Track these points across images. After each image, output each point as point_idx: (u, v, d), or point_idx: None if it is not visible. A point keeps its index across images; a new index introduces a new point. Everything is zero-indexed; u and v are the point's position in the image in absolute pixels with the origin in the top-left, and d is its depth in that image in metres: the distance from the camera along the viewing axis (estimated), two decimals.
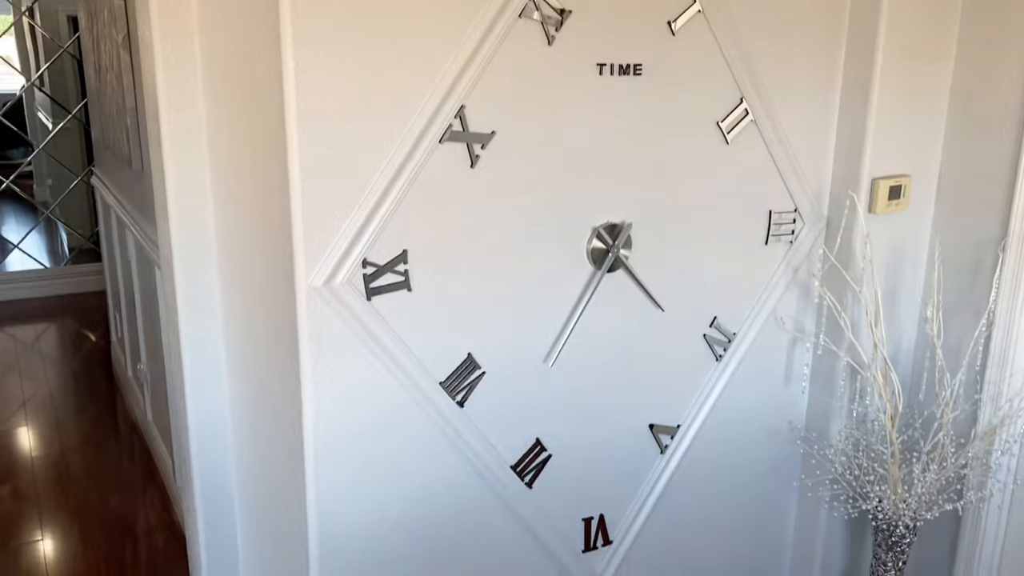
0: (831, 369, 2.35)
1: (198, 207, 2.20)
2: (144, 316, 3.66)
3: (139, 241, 3.42)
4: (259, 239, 1.89)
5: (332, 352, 1.75)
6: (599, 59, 1.88)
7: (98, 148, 4.40)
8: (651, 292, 2.09)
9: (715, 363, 2.27)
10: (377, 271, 1.75)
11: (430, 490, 1.94)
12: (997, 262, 2.21)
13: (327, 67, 1.61)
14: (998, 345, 2.24)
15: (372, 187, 1.70)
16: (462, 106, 1.75)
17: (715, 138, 2.08)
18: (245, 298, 2.09)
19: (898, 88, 2.18)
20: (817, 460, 2.42)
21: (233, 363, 2.28)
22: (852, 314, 2.28)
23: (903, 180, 2.25)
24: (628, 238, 2.02)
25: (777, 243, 2.26)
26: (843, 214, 2.24)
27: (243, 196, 1.97)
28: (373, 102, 1.66)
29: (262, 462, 2.16)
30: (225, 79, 1.98)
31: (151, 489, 3.68)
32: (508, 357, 1.96)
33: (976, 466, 2.31)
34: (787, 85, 2.14)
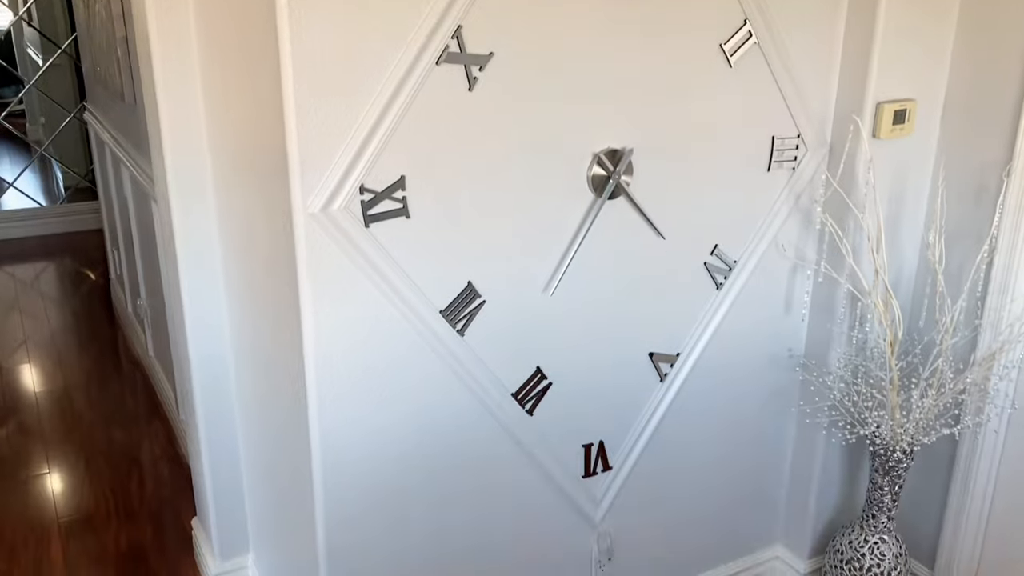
0: (831, 296, 2.35)
1: (193, 137, 2.18)
2: (142, 252, 3.65)
3: (135, 176, 3.39)
4: (255, 167, 1.86)
5: (331, 280, 1.74)
6: None
7: (90, 82, 4.33)
8: (652, 219, 2.08)
9: (715, 291, 2.26)
10: (375, 198, 1.73)
11: (431, 417, 1.95)
12: (1001, 187, 2.19)
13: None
14: (999, 271, 2.23)
15: (368, 111, 1.66)
16: (459, 26, 1.70)
17: (718, 61, 2.04)
18: (242, 227, 2.07)
19: (905, 9, 2.13)
20: (816, 387, 2.43)
21: (232, 293, 2.28)
22: (854, 241, 2.26)
23: (908, 104, 2.21)
24: (629, 164, 2.00)
25: (780, 169, 2.23)
26: (846, 140, 2.21)
27: (238, 123, 1.94)
28: (368, 23, 1.62)
29: (263, 391, 2.17)
30: (217, 3, 1.93)
31: (155, 423, 3.71)
32: (508, 286, 1.95)
33: (974, 392, 2.32)
34: (791, 7, 2.08)
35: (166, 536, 2.97)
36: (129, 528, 3.01)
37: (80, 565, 2.82)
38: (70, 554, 2.87)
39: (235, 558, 2.64)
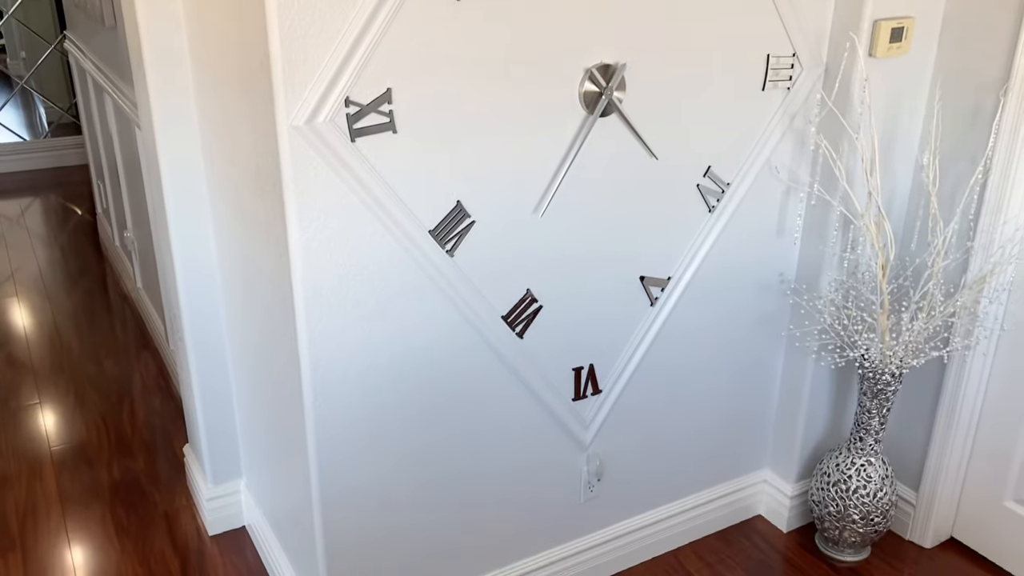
0: (824, 219, 2.33)
1: (174, 54, 2.13)
2: (128, 183, 3.60)
3: (118, 103, 3.32)
4: (238, 80, 1.82)
5: (317, 196, 1.71)
6: None
7: (69, 9, 4.22)
8: (645, 139, 2.04)
9: (707, 214, 2.24)
10: (360, 111, 1.69)
11: (421, 338, 1.94)
12: (997, 107, 2.16)
13: None
14: (993, 192, 2.22)
15: (354, 17, 1.61)
16: None
17: None
18: (226, 145, 2.03)
19: None
20: (806, 311, 2.43)
21: (218, 215, 2.25)
22: (847, 163, 2.24)
23: (906, 22, 2.17)
24: (622, 80, 1.95)
25: (774, 89, 2.20)
26: (842, 58, 2.17)
27: (220, 35, 1.89)
28: None
29: (251, 312, 2.15)
30: None
31: (144, 355, 3.71)
32: (498, 205, 1.92)
33: (964, 315, 2.33)
34: None
35: (158, 463, 2.98)
36: (121, 456, 3.02)
37: (73, 492, 2.83)
38: (63, 482, 2.88)
39: (227, 483, 2.66)
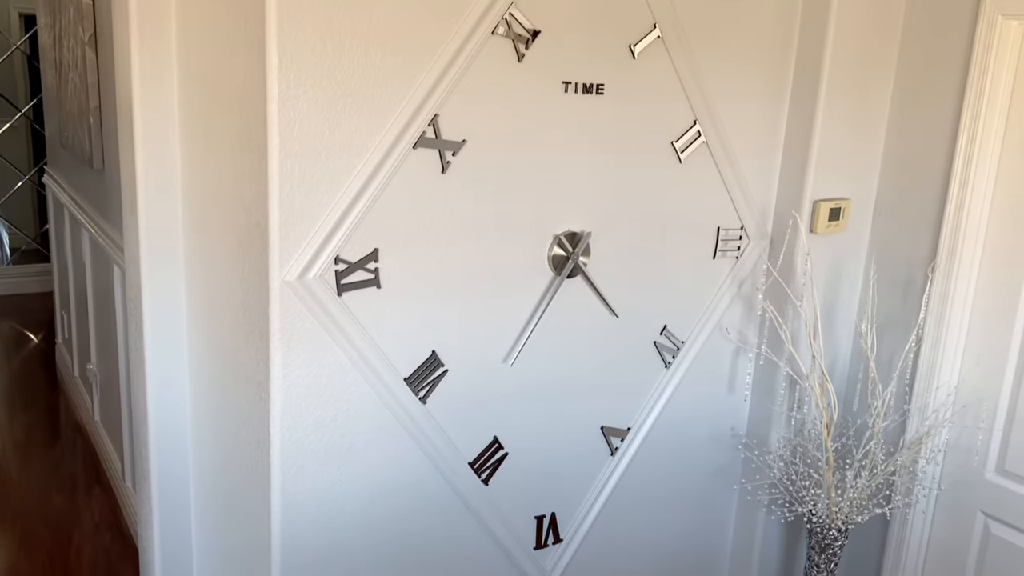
0: (772, 379, 2.49)
1: (167, 206, 2.24)
2: (97, 315, 3.64)
3: (95, 239, 3.41)
4: (231, 234, 1.94)
5: (302, 346, 1.81)
6: (565, 77, 2.00)
7: (52, 146, 4.37)
8: (607, 299, 2.20)
9: (664, 369, 2.38)
10: (348, 268, 1.82)
11: (390, 484, 2.01)
12: (927, 282, 2.37)
13: (308, 73, 1.68)
14: (926, 360, 2.40)
15: (347, 187, 1.77)
16: (436, 115, 1.84)
17: (670, 156, 2.21)
18: (211, 293, 2.13)
19: (840, 117, 2.34)
20: (757, 465, 2.54)
21: (196, 358, 2.32)
22: (792, 327, 2.42)
23: (842, 203, 2.41)
24: (587, 247, 2.13)
25: (724, 258, 2.39)
26: (786, 233, 2.38)
27: (215, 193, 2.02)
28: (351, 107, 1.74)
29: (224, 455, 2.19)
30: (202, 80, 2.03)
31: (96, 490, 3.65)
32: (470, 356, 2.04)
33: (904, 473, 2.46)
34: (737, 110, 2.28)
35: None
36: None
37: None
38: None
39: None
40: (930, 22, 2.32)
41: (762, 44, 2.28)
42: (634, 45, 2.08)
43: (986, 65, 2.20)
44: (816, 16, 2.28)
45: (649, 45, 2.09)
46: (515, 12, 1.88)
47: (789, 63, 2.34)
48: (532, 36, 1.92)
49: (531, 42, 1.93)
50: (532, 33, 1.92)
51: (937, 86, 2.32)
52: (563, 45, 1.97)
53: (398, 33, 1.76)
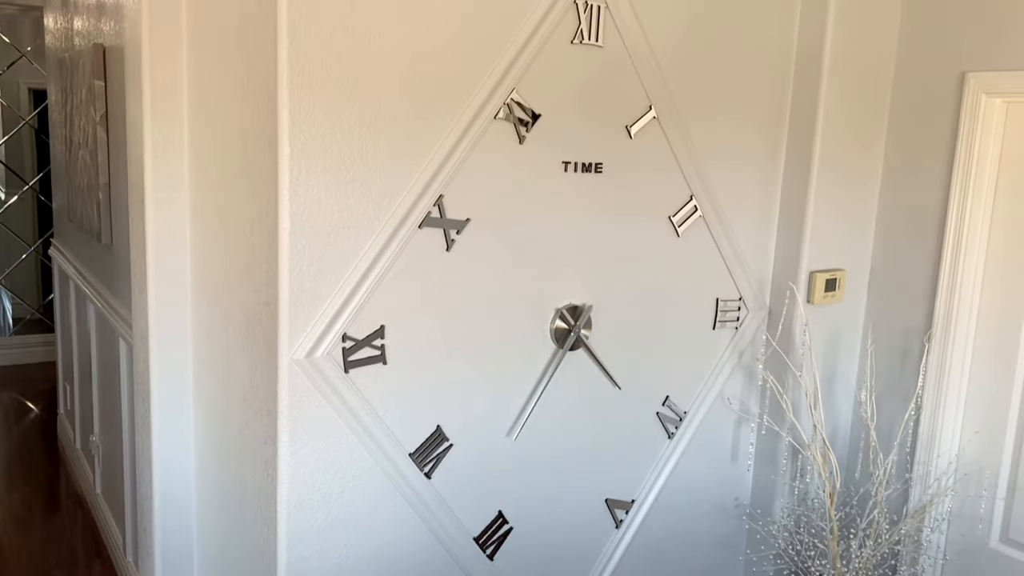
0: (774, 448, 2.50)
1: (176, 283, 2.29)
2: (100, 388, 3.66)
3: (101, 312, 3.45)
4: (240, 313, 1.98)
5: (309, 423, 1.83)
6: (564, 157, 2.06)
7: (60, 220, 4.43)
8: (609, 371, 2.23)
9: (667, 440, 2.40)
10: (355, 345, 1.86)
11: (395, 559, 2.01)
12: (923, 351, 2.41)
13: (318, 160, 1.74)
14: (926, 428, 2.42)
15: (355, 267, 1.82)
16: (441, 195, 1.90)
17: (667, 231, 2.26)
18: (219, 370, 2.16)
19: (833, 191, 2.40)
20: (762, 536, 2.54)
21: (202, 434, 2.33)
22: (793, 396, 2.44)
23: (838, 274, 2.46)
24: (589, 319, 2.17)
25: (724, 328, 2.43)
26: (784, 304, 2.43)
27: (225, 271, 2.07)
28: (360, 191, 1.80)
29: (229, 531, 2.19)
30: (214, 161, 2.09)
31: (97, 565, 3.61)
32: (475, 430, 2.06)
33: (908, 543, 2.46)
34: (732, 185, 2.34)
35: None
36: None
37: None
38: None
39: None
40: (917, 99, 2.40)
41: (755, 122, 2.36)
42: (631, 126, 2.15)
43: (972, 140, 2.28)
44: (806, 95, 2.36)
45: (645, 125, 2.17)
46: (516, 97, 1.95)
47: (781, 139, 2.42)
48: (532, 119, 1.99)
49: (531, 125, 1.99)
50: (532, 117, 1.99)
51: (926, 160, 2.39)
52: (562, 127, 2.04)
53: (405, 120, 1.82)
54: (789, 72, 2.39)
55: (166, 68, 2.17)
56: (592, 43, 2.04)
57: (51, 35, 4.19)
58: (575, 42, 2.02)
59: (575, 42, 2.02)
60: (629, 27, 2.08)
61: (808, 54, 2.35)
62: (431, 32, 1.83)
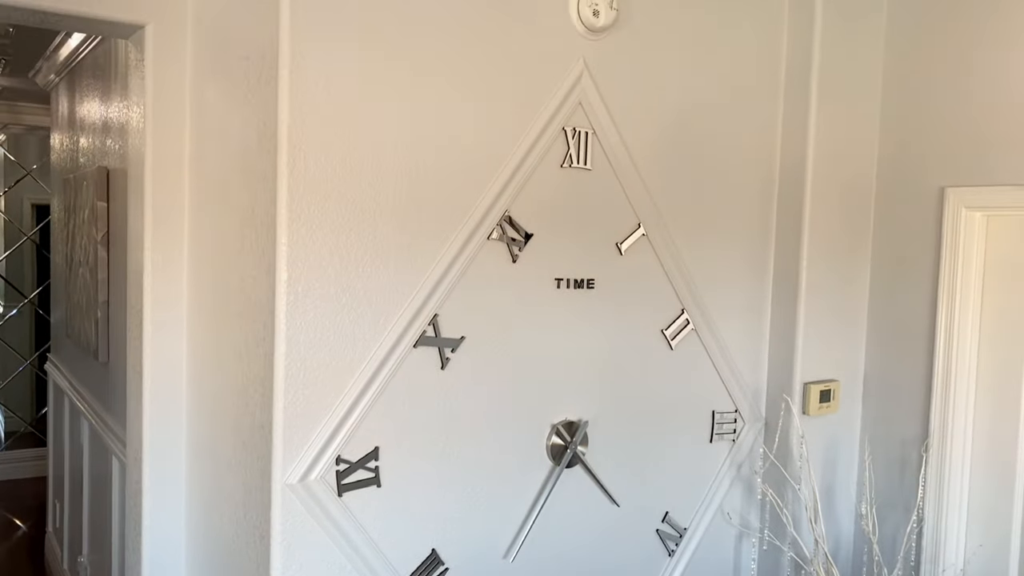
0: (776, 563, 2.45)
1: (172, 404, 2.28)
2: (91, 506, 3.60)
3: (95, 429, 3.43)
4: (234, 435, 1.98)
5: (302, 549, 1.80)
6: (557, 274, 2.10)
7: (57, 335, 4.45)
8: (607, 488, 2.21)
9: (667, 558, 2.36)
10: (349, 467, 1.84)
11: None
12: (922, 461, 2.39)
13: (315, 285, 1.77)
14: (929, 541, 2.38)
15: (350, 388, 1.83)
16: (435, 315, 1.92)
17: (661, 344, 2.29)
18: (212, 494, 2.14)
19: (822, 301, 2.44)
20: None
21: (193, 559, 2.29)
22: (793, 510, 2.41)
23: (832, 385, 2.46)
24: (585, 435, 2.16)
25: (721, 441, 2.42)
26: (779, 415, 2.42)
27: (221, 393, 2.07)
28: (355, 313, 1.82)
29: None
30: (212, 284, 2.13)
31: None
32: (471, 553, 2.02)
33: None
34: (723, 297, 2.38)
35: None
36: None
37: None
38: None
39: None
40: (899, 212, 2.47)
41: (742, 236, 2.41)
42: (621, 243, 2.20)
43: (956, 252, 2.33)
44: (791, 209, 2.42)
45: (635, 242, 2.22)
46: (509, 218, 2.01)
47: (769, 251, 2.47)
48: (525, 239, 2.04)
49: (524, 244, 2.04)
50: (525, 236, 2.04)
51: (912, 270, 2.44)
52: (554, 245, 2.09)
53: (401, 243, 1.87)
54: (773, 187, 2.46)
55: (168, 191, 2.23)
56: (581, 166, 2.11)
57: (56, 155, 4.31)
58: (564, 166, 2.09)
59: (564, 166, 2.09)
60: (615, 150, 2.16)
61: (791, 170, 2.42)
62: (426, 159, 1.89)
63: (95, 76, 3.20)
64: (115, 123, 2.83)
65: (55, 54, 3.67)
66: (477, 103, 1.95)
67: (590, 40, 2.09)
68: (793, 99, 2.42)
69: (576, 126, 2.10)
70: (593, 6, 2.06)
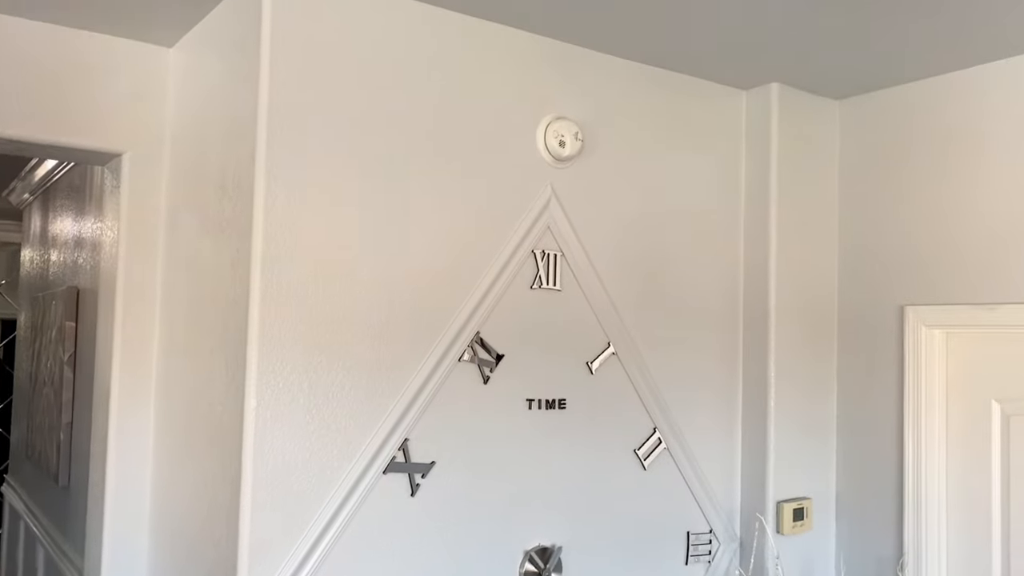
0: None
1: (133, 533, 2.22)
2: None
3: (51, 557, 3.30)
4: (195, 565, 1.92)
5: None
6: (528, 395, 2.11)
7: (16, 455, 4.33)
8: None
9: None
10: None
11: None
12: None
13: (284, 411, 1.76)
14: None
15: (318, 516, 1.79)
16: (406, 439, 1.91)
17: (634, 465, 2.28)
18: None
19: (791, 419, 2.46)
20: None
21: None
22: None
23: (804, 503, 2.46)
24: (559, 561, 2.12)
25: (697, 563, 2.39)
26: (754, 535, 2.40)
27: (185, 521, 2.02)
28: (324, 439, 1.81)
29: None
30: (181, 411, 2.10)
31: None
32: None
33: None
34: (694, 416, 2.39)
35: None
36: None
37: None
38: None
39: None
40: (862, 330, 2.52)
41: (711, 354, 2.45)
42: (591, 362, 2.22)
43: (919, 368, 2.37)
44: (756, 328, 2.47)
45: (605, 361, 2.24)
46: (480, 339, 2.03)
47: (737, 370, 2.50)
48: (496, 360, 2.06)
49: (495, 365, 2.05)
50: (496, 357, 2.05)
51: (877, 389, 2.47)
52: (525, 366, 2.10)
53: (372, 367, 1.87)
54: (739, 307, 2.51)
55: (139, 314, 2.23)
56: (550, 287, 2.15)
57: (26, 271, 4.30)
58: (534, 287, 2.13)
59: (534, 287, 2.13)
60: (584, 271, 2.21)
61: (755, 290, 2.48)
62: (400, 284, 1.92)
63: (70, 197, 3.24)
64: (88, 244, 2.85)
65: (30, 175, 3.72)
66: (451, 228, 2.00)
67: (557, 168, 2.17)
68: (753, 222, 2.50)
69: (545, 248, 2.15)
70: (559, 137, 2.14)
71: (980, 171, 2.29)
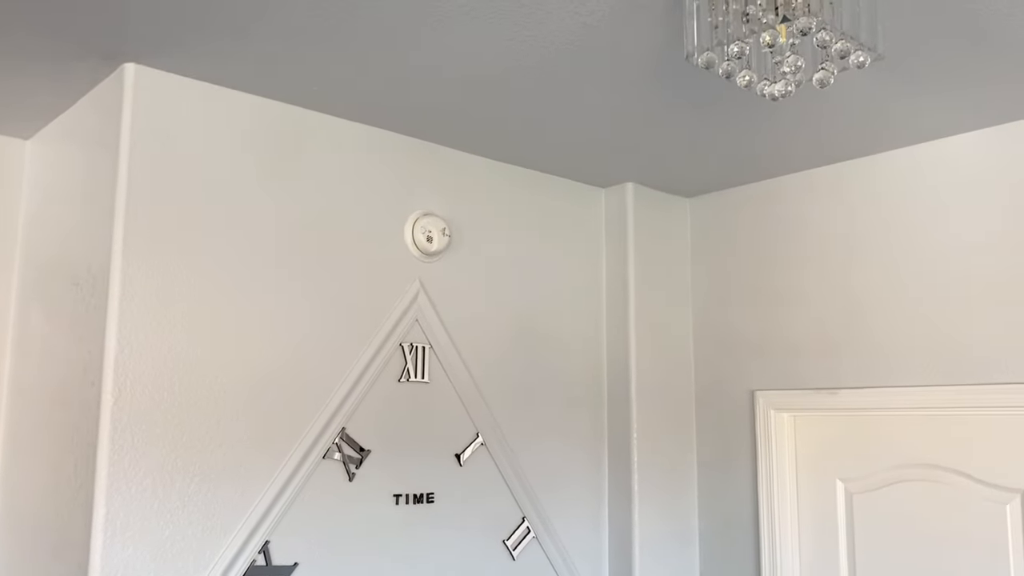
0: None
1: None
2: None
3: None
4: None
5: None
6: (395, 490, 2.10)
7: None
8: None
9: None
10: None
11: None
12: None
13: (134, 518, 1.70)
14: None
15: None
16: (267, 541, 1.87)
17: (503, 555, 2.29)
18: None
19: (655, 504, 2.53)
20: None
21: None
22: None
23: None
24: None
25: None
26: None
27: None
28: (179, 544, 1.74)
29: None
30: (27, 520, 1.99)
31: None
32: None
33: None
34: (562, 504, 2.43)
35: None
36: None
37: None
38: None
39: None
40: (718, 415, 2.65)
41: (577, 442, 2.51)
42: (460, 453, 2.24)
43: (769, 451, 2.50)
44: (620, 415, 2.55)
45: (474, 452, 2.26)
46: (346, 435, 2.02)
47: (603, 456, 2.56)
48: (362, 455, 2.05)
49: (362, 462, 2.04)
50: (362, 452, 2.05)
51: (733, 470, 2.59)
52: (393, 460, 2.10)
53: (229, 469, 1.83)
54: (603, 395, 2.60)
55: None
56: (418, 380, 2.17)
57: None
58: (402, 380, 2.14)
59: (402, 380, 2.14)
60: (452, 363, 2.24)
61: (617, 380, 2.58)
62: (260, 382, 1.90)
63: None
64: None
65: None
66: (317, 323, 2.00)
67: (425, 263, 2.22)
68: (614, 312, 2.61)
69: (413, 341, 2.18)
70: (427, 232, 2.20)
71: (808, 264, 2.48)
